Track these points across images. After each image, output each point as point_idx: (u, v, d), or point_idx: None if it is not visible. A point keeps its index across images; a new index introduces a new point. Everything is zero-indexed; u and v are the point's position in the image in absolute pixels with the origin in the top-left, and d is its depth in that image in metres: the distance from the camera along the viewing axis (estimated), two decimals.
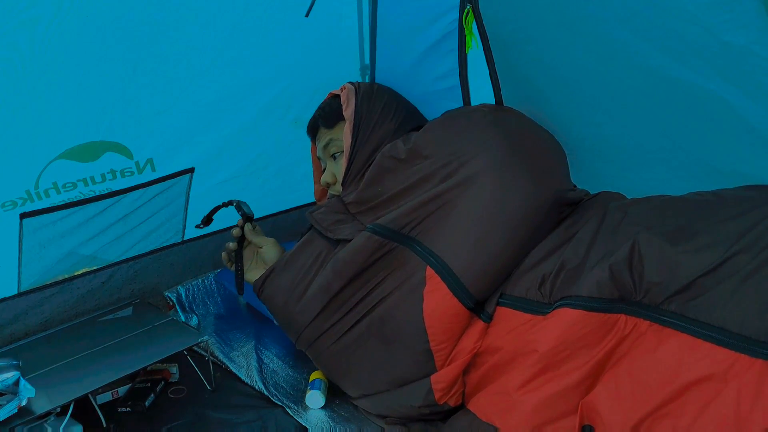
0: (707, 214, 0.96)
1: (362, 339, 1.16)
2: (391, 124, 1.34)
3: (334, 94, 1.43)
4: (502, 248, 1.10)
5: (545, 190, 1.14)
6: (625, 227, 1.02)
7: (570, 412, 0.95)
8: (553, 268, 1.04)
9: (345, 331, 1.17)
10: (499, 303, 1.10)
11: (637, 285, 0.94)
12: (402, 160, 1.23)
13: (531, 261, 1.10)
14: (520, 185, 1.12)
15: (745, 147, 1.03)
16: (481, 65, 1.37)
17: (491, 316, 1.10)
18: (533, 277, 1.06)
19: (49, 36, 1.08)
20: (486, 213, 1.11)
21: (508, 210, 1.11)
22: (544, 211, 1.13)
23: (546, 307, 1.03)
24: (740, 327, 0.82)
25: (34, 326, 1.43)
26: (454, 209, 1.13)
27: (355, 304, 1.16)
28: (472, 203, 1.12)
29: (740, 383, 0.80)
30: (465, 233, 1.11)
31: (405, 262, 1.14)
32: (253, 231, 1.34)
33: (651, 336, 0.91)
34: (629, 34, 1.04)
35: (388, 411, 1.18)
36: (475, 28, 1.32)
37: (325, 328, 1.19)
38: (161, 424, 1.20)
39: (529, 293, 1.06)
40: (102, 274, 1.50)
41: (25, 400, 1.05)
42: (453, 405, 1.13)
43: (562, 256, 1.05)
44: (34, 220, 1.29)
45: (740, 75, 0.94)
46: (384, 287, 1.14)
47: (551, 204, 1.14)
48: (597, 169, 1.28)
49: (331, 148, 1.39)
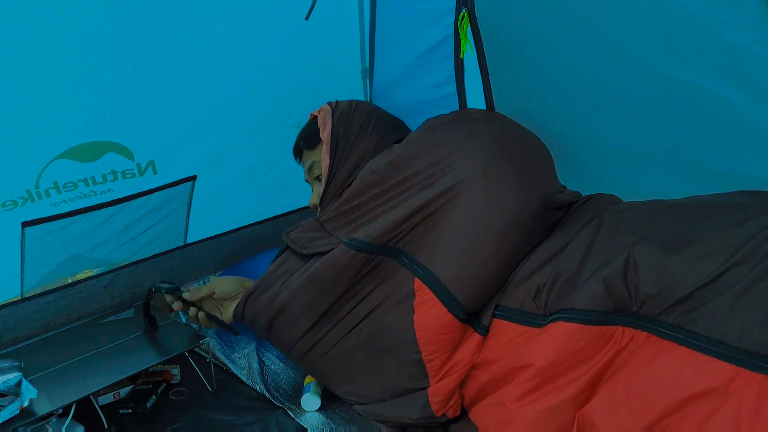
0: (704, 222, 0.95)
1: (353, 350, 1.16)
2: (371, 140, 1.32)
3: (314, 115, 1.42)
4: (491, 256, 1.09)
5: (533, 195, 1.12)
6: (621, 236, 1.00)
7: (567, 425, 0.94)
8: (548, 279, 1.03)
9: (335, 343, 1.17)
10: (494, 315, 1.09)
11: (632, 296, 0.92)
12: (383, 174, 1.21)
13: (525, 271, 1.09)
14: (506, 191, 1.11)
15: (746, 148, 1.03)
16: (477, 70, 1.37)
17: (487, 329, 1.09)
18: (528, 288, 1.06)
19: (51, 36, 1.09)
20: (473, 221, 1.10)
21: (496, 217, 1.09)
22: (533, 217, 1.12)
23: (541, 318, 1.02)
24: (740, 340, 0.81)
25: (36, 329, 1.44)
26: (441, 220, 1.12)
27: (344, 316, 1.16)
28: (458, 212, 1.11)
29: (741, 399, 0.79)
30: (452, 243, 1.10)
31: (392, 273, 1.13)
32: (191, 294, 1.29)
33: (648, 348, 0.90)
34: (629, 34, 1.04)
35: (386, 419, 1.17)
36: (469, 33, 1.32)
37: (314, 341, 1.18)
38: (163, 425, 1.20)
39: (524, 305, 1.05)
40: (104, 278, 1.51)
41: (27, 402, 1.05)
42: (451, 416, 1.13)
43: (556, 266, 1.04)
44: (36, 229, 1.29)
45: (742, 75, 0.94)
46: (372, 299, 1.14)
47: (539, 209, 1.12)
48: (597, 171, 1.27)
49: (314, 170, 1.39)
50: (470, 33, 1.33)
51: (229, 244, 1.73)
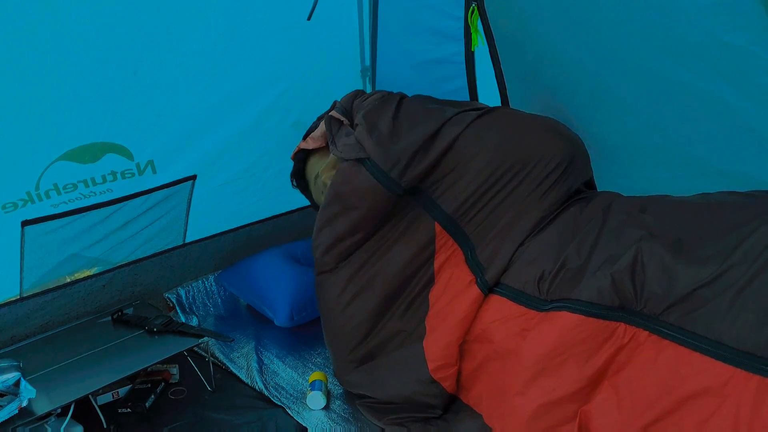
0: (709, 223, 0.96)
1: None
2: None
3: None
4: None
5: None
6: (628, 230, 1.01)
7: (569, 420, 0.95)
8: (554, 266, 1.04)
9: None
10: (495, 291, 1.10)
11: (638, 294, 0.93)
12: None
13: (531, 253, 1.10)
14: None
15: (744, 147, 1.04)
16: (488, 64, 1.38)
17: (489, 287, 1.11)
18: (532, 272, 1.06)
19: (51, 38, 1.09)
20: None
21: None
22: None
23: (542, 303, 1.03)
24: (737, 341, 0.82)
25: (35, 328, 1.44)
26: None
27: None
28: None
29: (738, 400, 0.79)
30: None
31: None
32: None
33: (649, 346, 0.90)
34: (630, 34, 1.05)
35: (387, 394, 1.18)
36: (480, 26, 1.33)
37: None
38: (161, 424, 1.20)
39: (526, 287, 1.06)
40: (103, 277, 1.51)
41: (25, 401, 1.05)
42: (448, 389, 1.13)
43: (563, 253, 1.04)
44: (36, 228, 1.29)
45: (740, 76, 0.95)
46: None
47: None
48: (599, 168, 1.28)
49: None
50: (481, 26, 1.33)
51: (228, 244, 1.73)
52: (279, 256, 1.63)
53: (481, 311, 1.11)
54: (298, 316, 1.50)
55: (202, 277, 1.70)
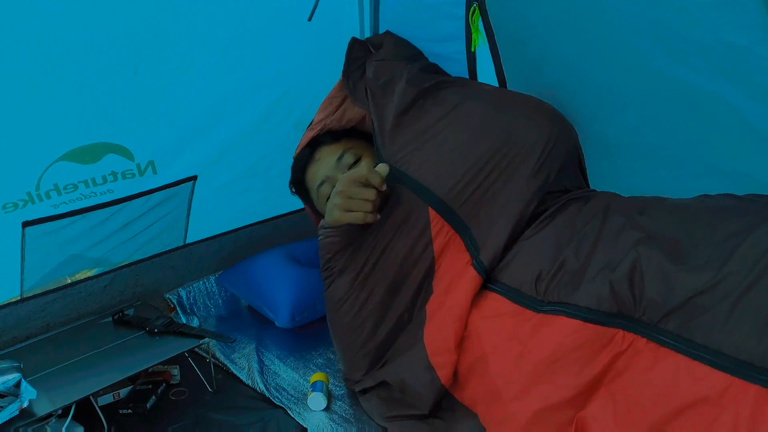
0: (707, 227, 0.94)
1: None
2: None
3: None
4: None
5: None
6: (627, 234, 1.00)
7: (565, 426, 0.94)
8: (552, 266, 1.03)
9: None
10: (491, 288, 1.10)
11: (637, 302, 0.92)
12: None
13: (528, 253, 1.09)
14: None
15: (747, 147, 1.03)
16: (489, 64, 1.37)
17: (486, 270, 1.10)
18: (529, 271, 1.05)
19: (51, 38, 1.09)
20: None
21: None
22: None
23: (539, 304, 1.02)
24: (736, 350, 0.81)
25: (36, 329, 1.44)
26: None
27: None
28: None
29: (737, 410, 0.78)
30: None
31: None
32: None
33: (647, 354, 0.89)
34: (631, 33, 1.04)
35: (390, 379, 1.18)
36: (481, 26, 1.32)
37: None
38: (162, 425, 1.20)
39: (523, 286, 1.05)
40: (104, 278, 1.51)
41: (26, 402, 1.05)
42: (443, 378, 1.12)
43: (562, 255, 1.03)
44: (37, 228, 1.29)
45: (742, 75, 0.94)
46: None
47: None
48: (599, 168, 1.28)
49: (347, 157, 1.33)
50: (482, 26, 1.33)
51: (229, 244, 1.73)
52: (280, 257, 1.63)
53: (475, 307, 1.10)
54: (299, 317, 1.50)
55: (203, 278, 1.70)
